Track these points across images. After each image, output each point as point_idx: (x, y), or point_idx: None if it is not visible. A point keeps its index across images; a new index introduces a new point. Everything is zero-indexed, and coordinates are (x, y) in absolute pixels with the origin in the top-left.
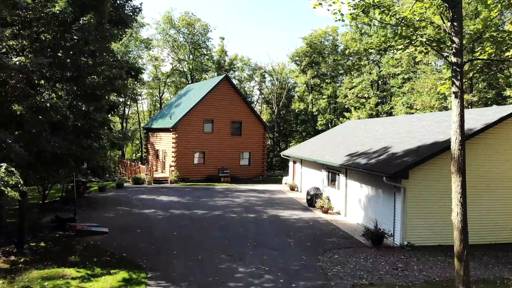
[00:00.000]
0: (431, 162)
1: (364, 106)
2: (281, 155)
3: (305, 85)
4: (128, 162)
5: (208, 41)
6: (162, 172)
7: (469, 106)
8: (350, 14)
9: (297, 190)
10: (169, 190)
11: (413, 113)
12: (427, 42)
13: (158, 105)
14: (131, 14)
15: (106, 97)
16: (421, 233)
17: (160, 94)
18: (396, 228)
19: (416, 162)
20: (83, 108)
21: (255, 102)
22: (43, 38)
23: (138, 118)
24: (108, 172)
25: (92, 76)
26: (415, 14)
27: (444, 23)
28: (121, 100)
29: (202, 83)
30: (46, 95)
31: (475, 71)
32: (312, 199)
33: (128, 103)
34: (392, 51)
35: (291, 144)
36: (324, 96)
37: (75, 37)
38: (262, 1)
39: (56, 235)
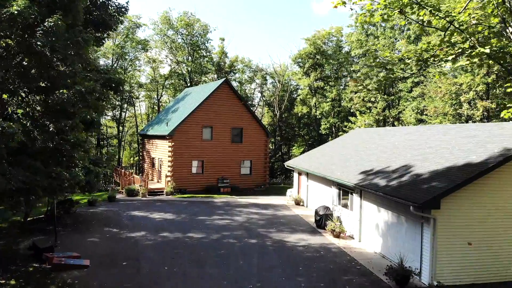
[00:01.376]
0: (466, 188)
1: (370, 111)
2: (285, 166)
3: (308, 88)
4: (123, 170)
5: (207, 42)
6: (158, 182)
7: (487, 113)
8: (381, 14)
9: (303, 205)
10: (164, 205)
11: (424, 119)
12: (492, 52)
13: (156, 108)
14: (116, 14)
15: (81, 115)
16: (452, 271)
17: (158, 97)
18: (424, 265)
19: (450, 189)
20: (51, 129)
21: (256, 105)
22: (3, 44)
23: (135, 121)
24: (97, 188)
25: (61, 90)
26: (473, 16)
27: (509, 27)
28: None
29: (200, 87)
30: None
31: None
32: (321, 220)
33: (125, 107)
34: (436, 62)
35: (293, 148)
36: (328, 99)
37: (39, 42)
38: (263, 1)
39: (30, 269)
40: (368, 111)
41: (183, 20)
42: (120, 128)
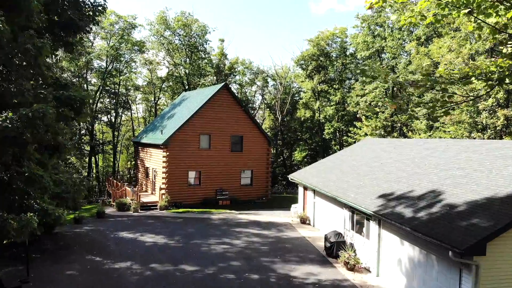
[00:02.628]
0: None
1: (377, 116)
2: (289, 178)
3: (311, 91)
4: (115, 181)
5: (206, 44)
6: (152, 193)
7: (507, 122)
8: (434, 14)
9: (309, 224)
10: (156, 223)
11: (437, 127)
12: None
13: (154, 111)
14: (91, 13)
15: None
16: None
17: (156, 100)
18: None
19: (497, 231)
20: None
21: (257, 109)
22: None
23: (132, 125)
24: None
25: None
26: None
27: None
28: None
29: (198, 92)
30: None
31: None
32: (333, 249)
33: (121, 110)
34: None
35: (295, 153)
36: (332, 103)
37: None
38: (264, 2)
39: None
40: (375, 116)
41: (180, 21)
42: (116, 133)
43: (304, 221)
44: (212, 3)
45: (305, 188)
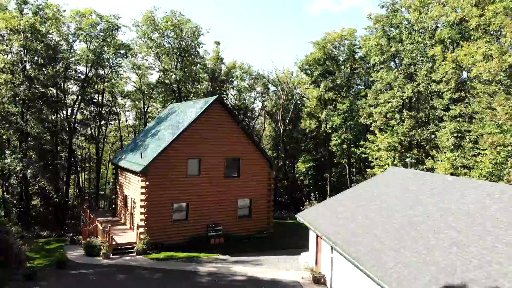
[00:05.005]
0: None
1: (393, 129)
2: (297, 219)
3: (317, 99)
4: (88, 211)
5: (199, 47)
6: (131, 227)
7: None
8: None
9: (324, 283)
10: (127, 281)
11: (470, 148)
12: None
13: (143, 121)
14: None
15: None
16: None
17: (145, 108)
18: None
19: None
20: None
21: (257, 117)
22: None
23: (120, 134)
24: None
25: None
26: None
27: None
28: None
29: (188, 104)
30: None
31: None
32: None
33: (104, 121)
34: None
35: (298, 164)
36: (340, 111)
37: None
38: (256, 3)
39: None
40: (390, 128)
41: (169, 21)
42: (101, 145)
43: (317, 280)
44: (205, 5)
45: (319, 236)
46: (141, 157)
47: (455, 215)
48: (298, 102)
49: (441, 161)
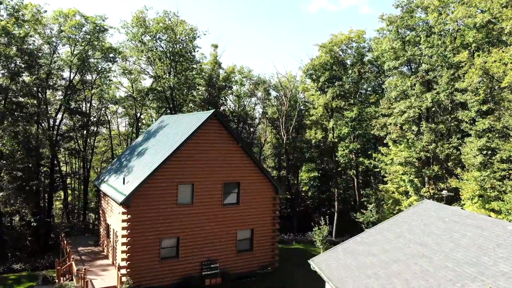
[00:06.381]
0: None
1: (408, 142)
2: (311, 266)
3: (323, 107)
4: (64, 241)
5: (194, 51)
6: (113, 264)
7: None
8: None
9: None
10: None
11: (504, 169)
12: None
13: (136, 129)
14: None
15: None
16: None
17: (137, 116)
18: None
19: None
20: None
21: (257, 124)
22: None
23: (111, 143)
24: None
25: None
26: None
27: None
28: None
29: (180, 118)
30: None
31: None
32: None
33: (90, 131)
34: None
35: (301, 173)
36: (347, 119)
37: None
38: (254, 4)
39: None
40: (405, 140)
41: (161, 22)
42: (87, 165)
43: None
44: (200, 7)
45: None
46: (123, 183)
47: None
48: (302, 107)
49: (467, 180)
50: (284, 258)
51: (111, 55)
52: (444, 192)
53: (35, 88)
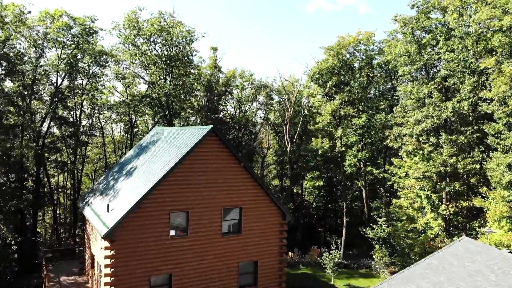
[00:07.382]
0: None
1: (424, 154)
2: None
3: (331, 114)
4: (45, 272)
5: (192, 54)
6: None
7: None
8: None
9: None
10: None
11: None
12: None
13: (130, 137)
14: None
15: None
16: None
17: (132, 123)
18: None
19: None
20: None
21: (259, 130)
22: None
23: (104, 151)
24: None
25: None
26: None
27: None
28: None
29: (174, 132)
30: None
31: None
32: None
33: (82, 139)
34: None
35: (305, 181)
36: (355, 127)
37: None
38: (251, 5)
39: None
40: (421, 152)
41: (155, 24)
42: (77, 179)
43: None
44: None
45: None
46: (108, 210)
47: None
48: (306, 112)
49: (493, 199)
50: None
51: (102, 58)
52: (486, 230)
53: (16, 97)
